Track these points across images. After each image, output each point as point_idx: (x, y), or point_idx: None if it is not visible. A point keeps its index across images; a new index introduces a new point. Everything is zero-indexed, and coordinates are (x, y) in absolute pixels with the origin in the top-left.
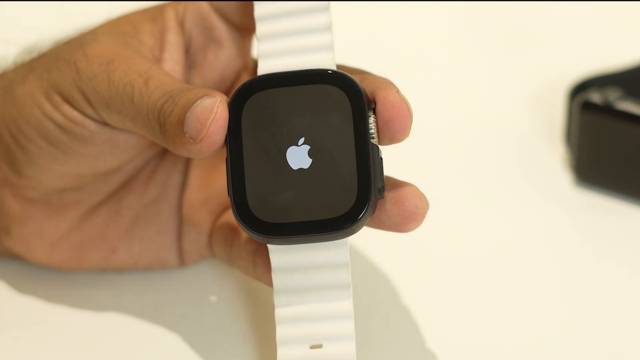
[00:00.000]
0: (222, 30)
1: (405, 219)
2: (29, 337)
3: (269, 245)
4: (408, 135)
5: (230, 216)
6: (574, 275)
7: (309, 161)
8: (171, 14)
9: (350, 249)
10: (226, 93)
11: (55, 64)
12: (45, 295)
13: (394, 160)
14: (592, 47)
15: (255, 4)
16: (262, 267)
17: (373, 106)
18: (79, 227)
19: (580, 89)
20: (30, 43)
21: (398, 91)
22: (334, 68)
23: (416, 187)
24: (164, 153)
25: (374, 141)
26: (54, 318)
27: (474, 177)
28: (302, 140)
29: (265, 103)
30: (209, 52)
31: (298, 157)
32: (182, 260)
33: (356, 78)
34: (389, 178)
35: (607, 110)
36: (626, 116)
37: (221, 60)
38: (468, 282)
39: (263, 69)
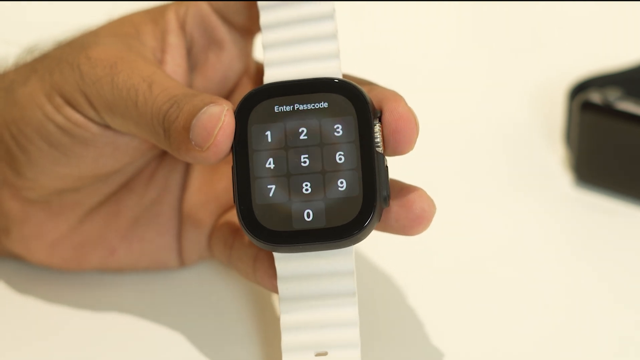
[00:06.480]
0: (223, 31)
1: (413, 222)
2: (29, 337)
3: (274, 253)
4: (412, 149)
5: (230, 218)
6: (574, 275)
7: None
8: (172, 15)
9: (356, 255)
10: (228, 95)
11: (58, 66)
12: (45, 296)
13: (394, 160)
14: (592, 47)
15: (261, 12)
16: (263, 272)
17: (379, 115)
18: (79, 228)
19: (580, 89)
20: (31, 43)
21: (406, 104)
22: (340, 76)
23: (424, 191)
24: (164, 154)
25: (379, 150)
26: (54, 318)
27: (473, 177)
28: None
29: (271, 111)
30: (210, 54)
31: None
32: (182, 261)
33: (364, 89)
34: (396, 181)
35: (607, 110)
36: (626, 116)
37: (223, 61)
38: (471, 286)
39: (269, 77)
